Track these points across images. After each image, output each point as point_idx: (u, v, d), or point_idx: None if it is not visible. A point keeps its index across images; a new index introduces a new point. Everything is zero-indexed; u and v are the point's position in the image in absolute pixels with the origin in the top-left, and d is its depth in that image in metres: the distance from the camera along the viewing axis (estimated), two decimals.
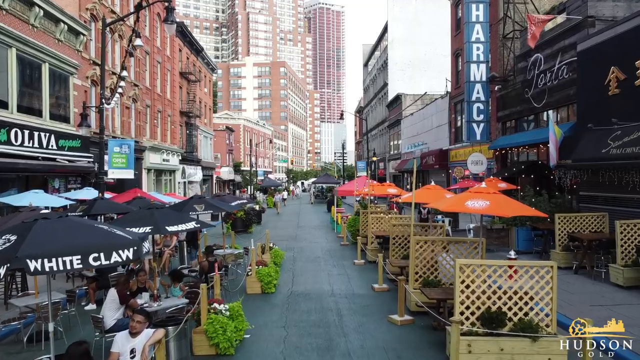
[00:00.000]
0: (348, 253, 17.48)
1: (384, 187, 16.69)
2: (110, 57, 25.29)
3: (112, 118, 25.62)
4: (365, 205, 20.39)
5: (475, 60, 22.34)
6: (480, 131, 22.58)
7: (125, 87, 26.82)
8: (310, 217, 34.12)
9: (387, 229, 15.65)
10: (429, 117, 34.76)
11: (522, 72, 20.24)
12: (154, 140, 32.15)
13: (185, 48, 41.02)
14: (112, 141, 16.74)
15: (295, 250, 18.37)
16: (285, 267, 14.77)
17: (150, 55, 31.94)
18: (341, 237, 21.29)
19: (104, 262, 4.38)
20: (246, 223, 24.30)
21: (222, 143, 62.20)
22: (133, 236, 4.99)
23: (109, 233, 4.71)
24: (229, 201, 13.25)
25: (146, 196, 14.98)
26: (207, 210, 10.27)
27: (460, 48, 28.28)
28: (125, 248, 4.53)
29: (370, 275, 13.39)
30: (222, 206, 11.15)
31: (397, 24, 51.51)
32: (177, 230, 7.39)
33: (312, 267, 14.86)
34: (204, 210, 10.07)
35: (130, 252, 4.56)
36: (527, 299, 6.96)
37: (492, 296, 6.95)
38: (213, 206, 10.55)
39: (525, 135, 19.62)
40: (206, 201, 10.49)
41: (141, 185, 29.62)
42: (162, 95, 34.38)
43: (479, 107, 22.49)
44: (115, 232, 4.85)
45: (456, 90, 29.02)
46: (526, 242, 15.68)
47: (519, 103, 20.48)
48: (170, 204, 15.94)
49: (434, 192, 10.71)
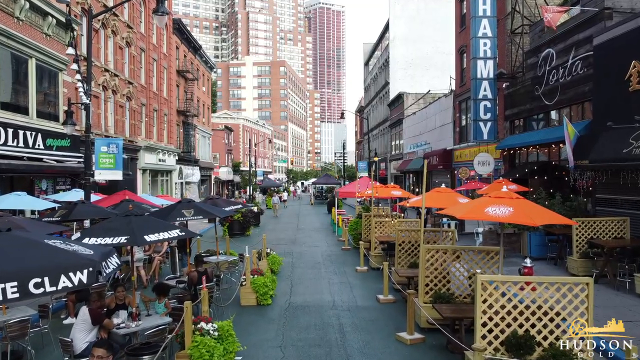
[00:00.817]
0: (350, 258, 16.57)
1: (387, 188, 15.78)
2: (102, 53, 24.40)
3: (105, 117, 24.72)
4: (368, 207, 19.48)
5: (482, 56, 21.42)
6: (487, 130, 21.66)
7: (118, 84, 25.98)
8: (310, 219, 33.20)
9: (392, 234, 14.74)
10: (432, 116, 33.85)
11: (532, 69, 19.31)
12: (150, 140, 31.25)
13: (182, 46, 40.12)
14: (99, 140, 15.80)
15: (295, 255, 17.46)
16: (283, 274, 13.87)
17: (146, 52, 31.04)
18: (342, 241, 20.39)
19: (49, 288, 3.47)
20: (244, 226, 23.38)
21: (221, 143, 61.31)
22: (94, 253, 4.09)
23: (58, 251, 3.79)
24: (222, 205, 12.29)
25: (135, 198, 14.08)
26: (196, 216, 9.33)
27: (465, 45, 27.38)
28: (77, 270, 3.63)
29: (374, 284, 12.47)
30: (214, 212, 10.15)
31: (398, 22, 50.58)
32: (158, 240, 6.48)
33: (312, 274, 13.95)
34: (193, 215, 9.14)
35: (84, 275, 3.66)
36: (559, 320, 6.05)
37: (519, 317, 6.04)
38: (203, 211, 9.57)
39: (536, 134, 18.70)
40: (196, 206, 9.52)
41: (136, 186, 28.74)
42: (159, 93, 33.48)
43: (486, 105, 21.58)
44: (69, 249, 3.94)
45: (461, 89, 28.10)
46: (539, 247, 14.76)
47: (528, 101, 19.57)
48: (163, 206, 15.09)
49: (446, 195, 9.77)
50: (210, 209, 9.96)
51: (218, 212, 10.14)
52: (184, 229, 7.34)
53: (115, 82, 25.54)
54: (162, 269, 13.60)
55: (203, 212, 9.49)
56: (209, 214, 9.66)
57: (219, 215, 10.04)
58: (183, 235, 6.78)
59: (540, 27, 19.30)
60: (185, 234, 6.87)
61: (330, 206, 36.54)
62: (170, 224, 7.25)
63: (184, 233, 6.82)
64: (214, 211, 9.93)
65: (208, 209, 9.84)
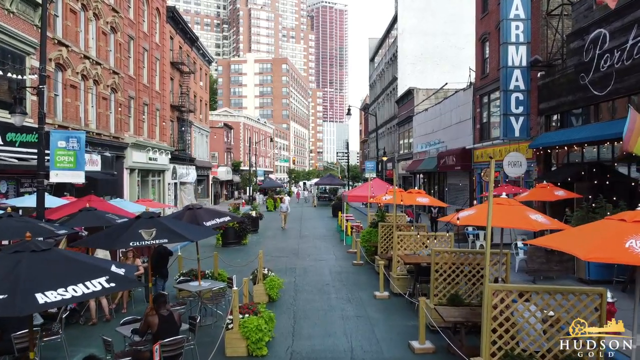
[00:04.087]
0: (364, 278, 13.79)
1: (412, 195, 13.03)
2: (82, 38, 21.67)
3: (85, 109, 21.98)
4: (383, 215, 16.70)
5: (514, 41, 18.64)
6: (519, 126, 18.88)
7: (102, 74, 23.25)
8: (314, 224, 30.42)
9: (419, 251, 11.96)
10: (448, 112, 31.06)
11: (575, 54, 16.52)
12: (139, 137, 28.51)
13: (177, 36, 37.37)
14: (56, 133, 13.00)
15: (298, 272, 14.69)
16: (284, 301, 11.11)
17: (135, 40, 28.30)
18: (353, 253, 17.65)
19: None
20: (239, 233, 20.62)
21: (220, 141, 58.54)
22: None
23: None
24: (203, 218, 9.42)
25: (101, 206, 11.34)
26: (159, 239, 6.50)
27: (487, 32, 24.62)
28: None
29: (400, 319, 9.71)
30: (186, 232, 7.15)
31: (407, 14, 47.76)
32: (55, 302, 3.70)
33: (319, 302, 11.18)
34: (154, 238, 6.34)
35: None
36: None
37: None
38: (170, 232, 6.62)
39: (582, 130, 15.90)
40: (160, 224, 6.66)
41: (122, 187, 26.03)
42: (150, 86, 30.73)
43: (518, 97, 18.79)
44: None
45: (482, 81, 25.33)
46: (600, 268, 11.96)
47: (570, 92, 16.78)
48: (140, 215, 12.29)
49: (510, 209, 6.89)
50: (181, 227, 7.04)
51: (192, 233, 7.19)
52: (119, 276, 4.59)
53: (98, 71, 22.80)
54: (132, 297, 10.86)
55: (169, 234, 6.58)
56: (177, 235, 6.75)
57: (191, 238, 7.14)
58: (113, 288, 4.00)
59: (587, 5, 16.52)
60: (116, 284, 4.06)
61: (335, 210, 33.79)
62: (99, 265, 4.43)
63: (114, 284, 4.02)
64: (186, 231, 7.03)
65: (178, 227, 6.92)
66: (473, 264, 8.96)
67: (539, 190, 14.17)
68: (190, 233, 6.90)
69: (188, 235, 6.69)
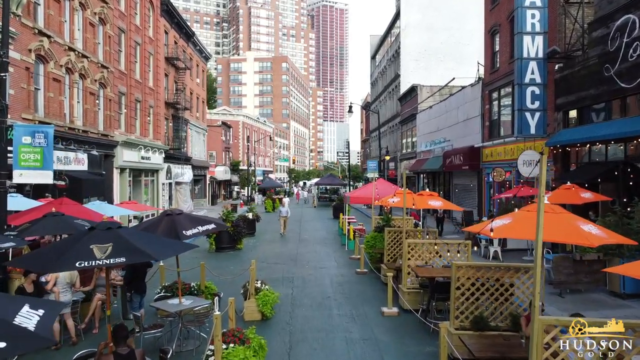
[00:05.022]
0: (369, 289, 12.42)
1: (423, 197, 11.66)
2: (67, 29, 20.31)
3: (70, 105, 20.61)
4: (389, 219, 15.33)
5: (530, 31, 17.27)
6: (535, 123, 17.51)
7: (89, 67, 21.90)
8: (314, 226, 29.06)
9: (432, 262, 10.58)
10: (454, 109, 29.69)
11: (599, 43, 15.14)
12: (131, 134, 27.15)
13: (172, 31, 35.99)
14: (19, 127, 11.59)
15: (296, 282, 13.33)
16: (278, 321, 9.75)
17: (127, 34, 26.94)
18: (356, 260, 16.30)
19: None
20: (234, 237, 19.26)
21: (219, 140, 57.14)
22: None
23: None
24: (183, 226, 7.87)
25: (71, 210, 9.95)
26: (115, 258, 5.01)
27: (497, 23, 23.25)
28: None
29: (414, 344, 8.35)
30: (150, 247, 5.40)
31: (411, 9, 46.41)
32: None
33: (319, 320, 9.82)
34: (108, 257, 4.85)
35: None
36: None
37: None
38: (130, 250, 4.95)
39: (608, 126, 14.51)
40: (120, 237, 5.12)
41: (112, 188, 24.68)
42: (143, 82, 29.37)
43: (534, 91, 17.42)
44: None
45: (491, 76, 23.96)
46: (638, 281, 10.60)
47: (592, 85, 15.41)
48: (113, 220, 10.93)
49: (558, 218, 5.55)
50: (147, 242, 5.44)
51: (159, 250, 5.47)
52: (45, 303, 3.21)
53: (84, 64, 21.43)
54: (105, 314, 9.48)
55: (129, 251, 4.96)
56: (138, 253, 5.14)
57: (156, 256, 5.48)
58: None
59: None
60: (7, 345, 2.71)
61: (336, 211, 32.43)
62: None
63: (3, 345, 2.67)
64: (153, 247, 5.39)
65: (143, 242, 5.30)
66: (501, 280, 7.61)
67: (563, 192, 12.79)
68: (157, 249, 5.46)
69: (153, 252, 5.26)
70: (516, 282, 7.71)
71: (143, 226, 7.94)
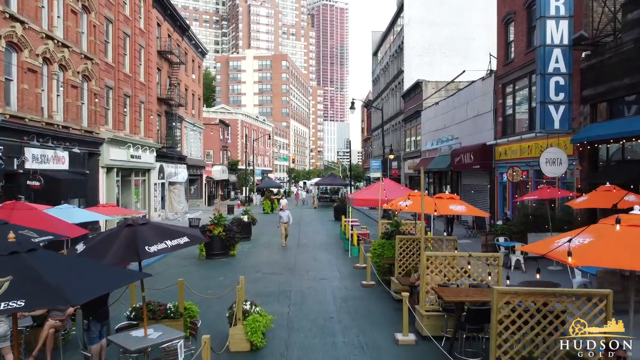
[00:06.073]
0: (379, 307, 10.71)
1: (443, 200, 9.95)
2: (45, 15, 18.62)
3: (49, 98, 18.90)
4: (398, 223, 13.61)
5: (554, 14, 15.57)
6: (559, 117, 15.79)
7: (70, 58, 20.19)
8: (314, 229, 27.35)
9: (457, 280, 8.84)
10: (462, 105, 27.99)
11: (635, 26, 13.46)
12: (119, 131, 25.45)
13: (166, 23, 34.29)
14: None
15: (293, 298, 11.61)
16: (271, 352, 8.04)
17: (114, 24, 25.23)
18: (361, 269, 14.61)
19: None
20: (226, 243, 17.55)
21: (216, 139, 55.42)
22: None
23: None
24: (145, 240, 5.91)
25: (24, 216, 8.27)
26: (10, 301, 3.18)
27: (512, 11, 21.55)
28: None
29: None
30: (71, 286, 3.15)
31: (414, 3, 44.73)
32: None
33: (321, 352, 8.08)
34: (4, 300, 3.12)
35: None
36: None
37: None
38: (37, 286, 3.19)
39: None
40: (26, 266, 3.28)
41: (97, 189, 22.98)
42: (132, 76, 27.67)
43: (559, 82, 15.71)
44: None
45: (505, 68, 22.26)
46: None
47: (627, 73, 13.71)
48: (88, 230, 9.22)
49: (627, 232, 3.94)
50: (71, 276, 3.51)
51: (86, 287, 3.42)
52: None
53: (65, 54, 19.72)
54: (59, 343, 7.76)
55: (31, 293, 3.02)
56: (44, 295, 3.21)
57: (72, 300, 3.52)
58: None
59: None
60: None
61: (338, 212, 30.74)
62: None
63: None
64: (77, 284, 3.38)
65: (62, 276, 3.30)
66: (550, 305, 5.91)
67: (601, 194, 11.09)
68: (83, 286, 3.66)
69: (72, 292, 3.41)
70: (569, 306, 6.02)
71: (97, 240, 6.22)
